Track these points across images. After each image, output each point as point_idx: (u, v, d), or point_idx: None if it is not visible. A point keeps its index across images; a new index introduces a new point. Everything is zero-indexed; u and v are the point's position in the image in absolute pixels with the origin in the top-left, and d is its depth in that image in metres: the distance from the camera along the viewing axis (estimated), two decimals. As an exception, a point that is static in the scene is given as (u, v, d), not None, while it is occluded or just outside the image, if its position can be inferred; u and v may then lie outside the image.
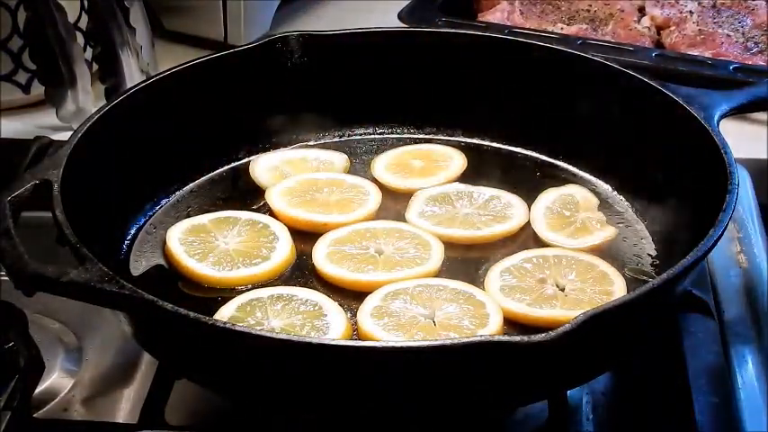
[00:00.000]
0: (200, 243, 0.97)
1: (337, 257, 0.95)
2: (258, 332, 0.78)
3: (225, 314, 0.88)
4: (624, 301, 0.79)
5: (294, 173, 1.07)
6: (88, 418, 0.90)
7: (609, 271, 0.94)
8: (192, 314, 0.76)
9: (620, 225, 1.01)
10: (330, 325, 0.87)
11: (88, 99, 1.21)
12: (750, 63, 1.33)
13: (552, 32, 1.39)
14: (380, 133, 1.15)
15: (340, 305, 0.90)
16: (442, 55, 1.12)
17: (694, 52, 1.35)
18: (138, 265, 0.97)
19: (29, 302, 0.83)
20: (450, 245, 0.98)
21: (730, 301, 0.99)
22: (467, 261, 0.97)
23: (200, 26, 1.40)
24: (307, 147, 1.13)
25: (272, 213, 1.02)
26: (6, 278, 0.81)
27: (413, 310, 0.88)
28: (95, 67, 1.24)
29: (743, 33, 1.39)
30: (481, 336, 0.76)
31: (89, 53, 1.24)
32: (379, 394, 0.78)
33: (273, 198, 1.03)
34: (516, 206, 1.03)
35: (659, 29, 1.42)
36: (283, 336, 0.78)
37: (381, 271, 0.94)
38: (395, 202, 1.05)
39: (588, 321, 0.74)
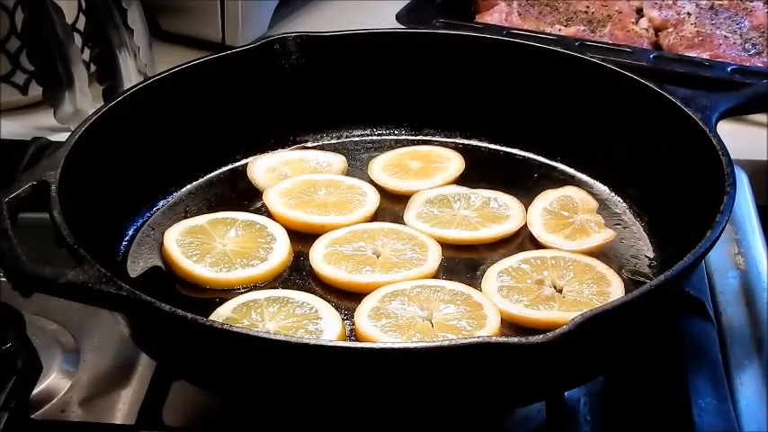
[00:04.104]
0: (198, 244, 0.97)
1: (335, 258, 0.95)
2: (256, 333, 0.78)
3: (221, 315, 0.88)
4: (622, 303, 0.79)
5: (292, 174, 1.07)
6: (86, 419, 0.90)
7: (607, 272, 0.94)
8: (189, 315, 0.76)
9: (618, 226, 1.01)
10: (324, 329, 0.87)
11: (86, 100, 1.21)
12: (748, 64, 1.33)
13: (550, 34, 1.39)
14: (378, 134, 1.15)
15: (337, 306, 0.90)
16: (440, 56, 1.12)
17: (692, 54, 1.35)
18: (136, 267, 0.97)
19: (26, 303, 0.83)
20: (447, 246, 0.98)
21: (728, 303, 1.00)
22: (464, 262, 0.97)
23: (197, 27, 1.40)
24: (304, 148, 1.13)
25: (269, 214, 1.02)
26: (4, 279, 0.81)
27: (410, 312, 0.88)
28: (93, 68, 1.24)
29: (741, 35, 1.39)
30: (479, 337, 0.75)
31: (87, 54, 1.24)
32: (377, 395, 0.78)
33: (271, 199, 1.03)
34: (514, 208, 1.03)
35: (657, 30, 1.42)
36: (281, 337, 0.78)
37: (379, 272, 0.94)
38: (392, 203, 1.05)
39: (586, 323, 0.74)
